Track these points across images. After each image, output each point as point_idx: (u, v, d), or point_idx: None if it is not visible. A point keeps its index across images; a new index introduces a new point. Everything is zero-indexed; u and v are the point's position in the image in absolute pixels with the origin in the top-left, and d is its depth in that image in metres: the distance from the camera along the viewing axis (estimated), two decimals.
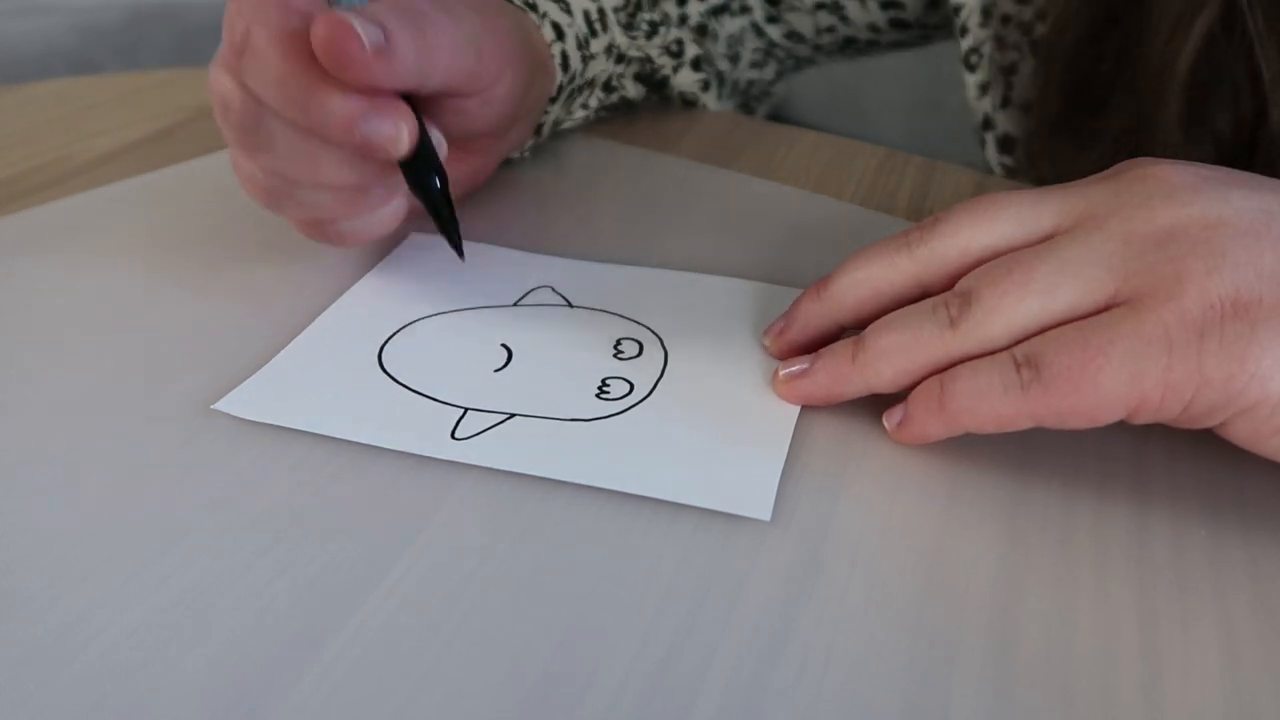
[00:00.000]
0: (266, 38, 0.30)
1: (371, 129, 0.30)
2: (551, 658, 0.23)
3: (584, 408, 0.31)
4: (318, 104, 0.30)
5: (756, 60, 0.60)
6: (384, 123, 0.30)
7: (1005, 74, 0.49)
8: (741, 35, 0.58)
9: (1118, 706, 0.22)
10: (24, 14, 1.21)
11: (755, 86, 0.62)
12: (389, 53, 0.30)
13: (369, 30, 0.29)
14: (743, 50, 0.59)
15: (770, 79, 0.62)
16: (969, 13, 0.50)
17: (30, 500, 0.27)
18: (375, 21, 0.29)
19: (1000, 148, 0.51)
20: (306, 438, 0.29)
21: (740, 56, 0.59)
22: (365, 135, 0.30)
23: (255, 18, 0.30)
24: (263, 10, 0.30)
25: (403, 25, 0.30)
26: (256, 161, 0.33)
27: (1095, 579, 0.25)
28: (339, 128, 0.30)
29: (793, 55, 0.61)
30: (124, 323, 0.35)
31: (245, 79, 0.30)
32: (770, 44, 0.60)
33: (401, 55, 0.30)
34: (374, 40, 0.29)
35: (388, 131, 0.30)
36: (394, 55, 0.30)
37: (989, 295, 0.27)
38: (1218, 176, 0.27)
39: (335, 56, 0.29)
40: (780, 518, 0.27)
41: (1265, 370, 0.24)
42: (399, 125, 0.30)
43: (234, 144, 0.33)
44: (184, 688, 0.22)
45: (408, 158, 0.32)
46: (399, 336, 0.34)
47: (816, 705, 0.22)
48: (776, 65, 0.62)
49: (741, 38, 0.58)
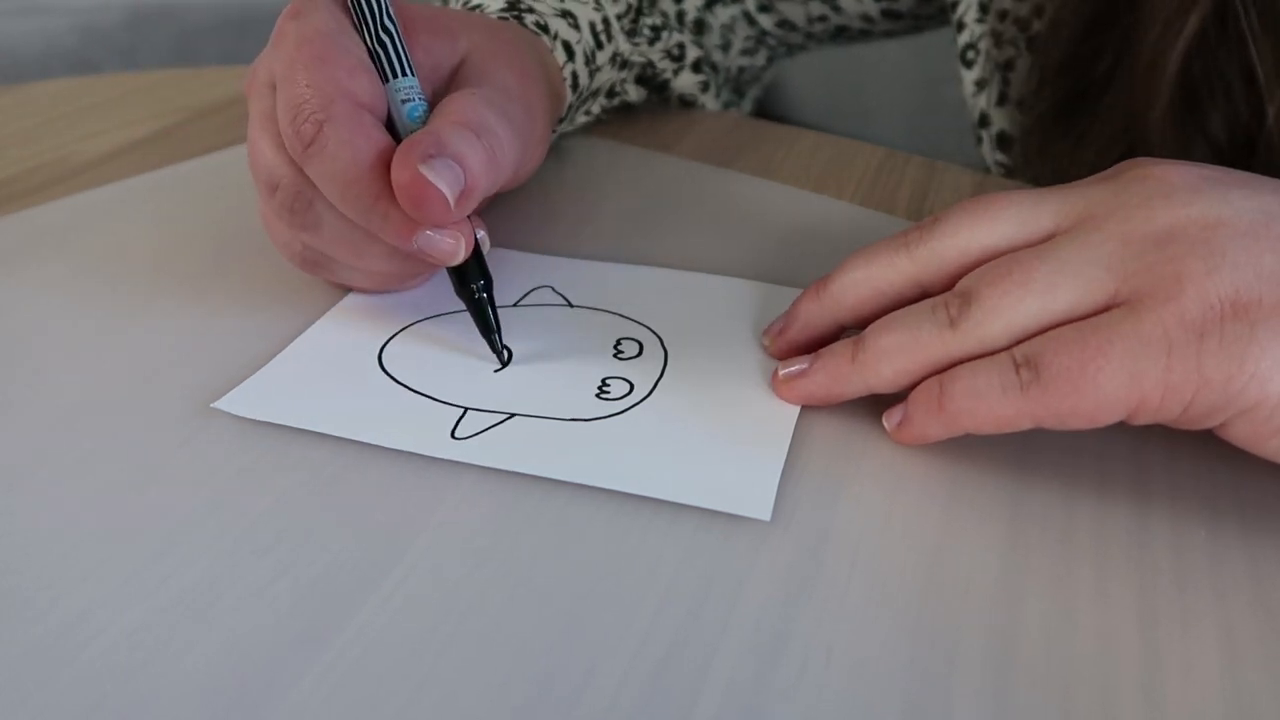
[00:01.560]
0: (339, 141, 0.29)
1: (429, 243, 0.30)
2: (551, 658, 0.23)
3: (584, 408, 0.31)
4: (380, 213, 0.30)
5: (748, 48, 0.60)
6: (444, 237, 0.30)
7: (1002, 70, 0.49)
8: (733, 24, 0.58)
9: (1118, 706, 0.22)
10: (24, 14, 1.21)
11: (746, 73, 0.62)
12: (468, 192, 0.30)
13: (450, 179, 0.29)
14: (734, 38, 0.59)
15: (761, 65, 0.63)
16: (966, 8, 0.50)
17: (30, 500, 0.27)
18: (456, 161, 0.29)
19: (997, 145, 0.51)
20: (307, 437, 0.29)
21: (732, 44, 0.59)
22: (423, 248, 0.30)
23: (329, 114, 0.30)
24: (337, 108, 0.30)
25: (478, 159, 0.30)
26: (299, 237, 0.33)
27: (1095, 579, 0.25)
28: (396, 236, 0.30)
29: (784, 43, 0.61)
30: (124, 323, 0.35)
31: (307, 169, 0.30)
32: (762, 32, 0.60)
33: (479, 192, 0.30)
34: (455, 190, 0.29)
35: (447, 246, 0.30)
36: (472, 195, 0.30)
37: (988, 295, 0.27)
38: (1217, 177, 0.27)
39: (416, 205, 0.29)
40: (780, 518, 0.27)
41: (1265, 371, 0.24)
42: (458, 239, 0.30)
43: (276, 218, 0.33)
44: (184, 688, 0.22)
45: None
46: (399, 337, 0.34)
47: (816, 705, 0.22)
48: (767, 52, 0.62)
49: (733, 26, 0.58)
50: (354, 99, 0.30)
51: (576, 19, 0.43)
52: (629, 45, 0.48)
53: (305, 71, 0.30)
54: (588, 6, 0.45)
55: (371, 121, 0.30)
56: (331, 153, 0.30)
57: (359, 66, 0.31)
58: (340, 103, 0.30)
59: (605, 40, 0.45)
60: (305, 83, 0.30)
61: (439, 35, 0.34)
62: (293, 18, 0.32)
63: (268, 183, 0.32)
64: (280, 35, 0.32)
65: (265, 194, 0.33)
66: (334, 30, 0.31)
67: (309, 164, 0.30)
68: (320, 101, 0.30)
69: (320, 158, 0.30)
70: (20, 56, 1.17)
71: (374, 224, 0.30)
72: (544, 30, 0.41)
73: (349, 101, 0.30)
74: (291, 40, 0.31)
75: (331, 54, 0.31)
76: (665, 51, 0.51)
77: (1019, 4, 0.48)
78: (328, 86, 0.30)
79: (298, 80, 0.30)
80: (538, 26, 0.41)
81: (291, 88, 0.30)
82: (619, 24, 0.48)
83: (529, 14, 0.42)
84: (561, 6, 0.43)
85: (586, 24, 0.44)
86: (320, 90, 0.30)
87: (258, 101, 0.33)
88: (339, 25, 0.32)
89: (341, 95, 0.30)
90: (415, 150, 0.29)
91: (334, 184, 0.30)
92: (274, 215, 0.33)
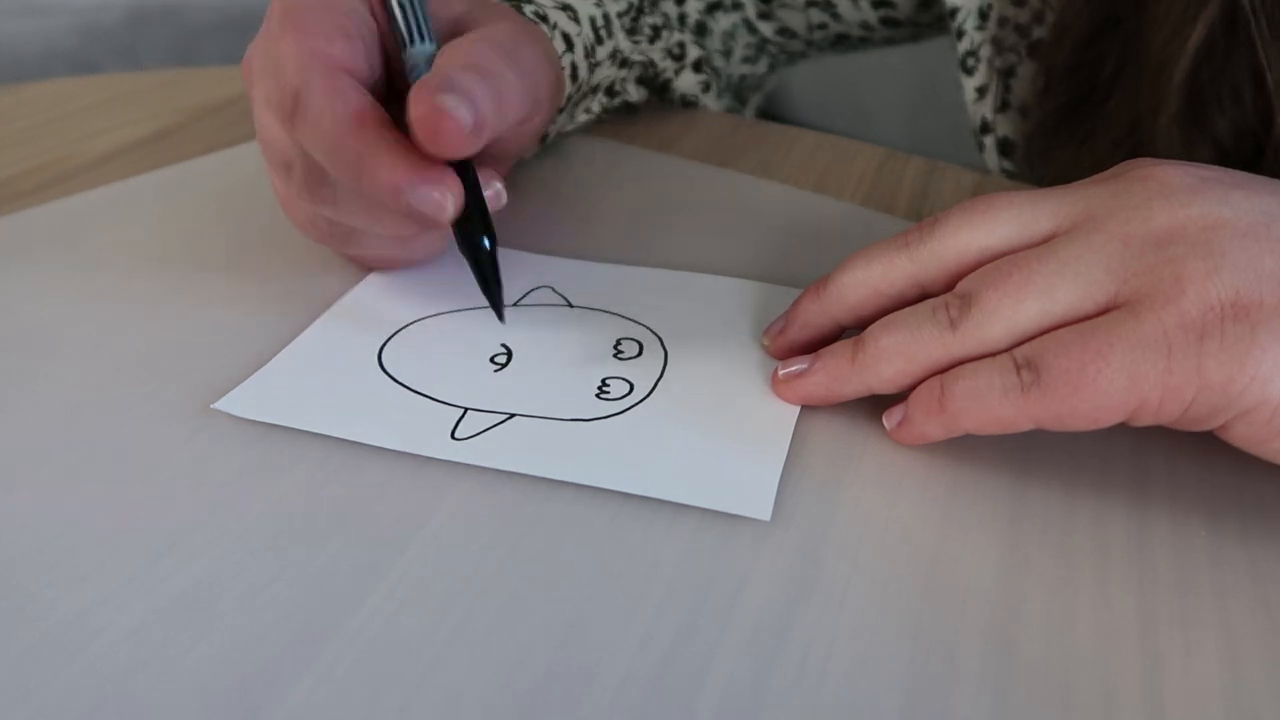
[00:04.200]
0: (317, 108, 0.30)
1: (417, 198, 0.30)
2: (551, 658, 0.23)
3: (584, 408, 0.31)
4: (368, 173, 0.30)
5: (749, 55, 0.60)
6: (430, 191, 0.30)
7: (1003, 77, 0.49)
8: (734, 31, 0.58)
9: (1118, 707, 0.22)
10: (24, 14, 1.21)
11: (748, 80, 0.62)
12: (477, 128, 0.30)
13: (463, 111, 0.29)
14: (735, 45, 0.59)
15: (762, 73, 0.63)
16: (965, 15, 0.50)
17: (30, 500, 0.27)
18: (465, 96, 0.29)
19: (1000, 151, 0.51)
20: (307, 437, 0.29)
21: (733, 51, 0.59)
22: (411, 203, 0.30)
23: (304, 79, 0.30)
24: (311, 73, 0.30)
25: (486, 96, 0.30)
26: (320, 210, 0.33)
27: (1095, 579, 0.25)
28: (387, 195, 0.30)
29: (785, 50, 0.61)
30: (124, 323, 0.35)
31: (296, 138, 0.31)
32: (762, 40, 0.60)
33: (489, 129, 0.30)
34: (468, 121, 0.29)
35: (435, 200, 0.30)
36: (483, 130, 0.30)
37: (989, 297, 0.27)
38: (1217, 177, 0.27)
39: (432, 136, 0.29)
40: (780, 518, 0.27)
41: (1265, 373, 0.24)
42: (445, 194, 0.30)
43: (298, 195, 0.33)
44: (184, 688, 0.22)
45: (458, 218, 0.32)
46: (399, 336, 0.34)
47: (816, 705, 0.22)
48: (769, 60, 0.62)
49: (734, 33, 0.59)
50: (329, 62, 0.30)
51: (576, 13, 0.44)
52: (629, 43, 0.48)
53: (284, 44, 0.31)
54: (588, 2, 0.45)
55: (349, 83, 0.30)
56: (312, 119, 0.30)
57: (336, 32, 0.31)
58: (314, 68, 0.30)
59: (605, 36, 0.45)
60: (284, 56, 0.30)
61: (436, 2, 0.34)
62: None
63: (282, 163, 0.32)
64: (268, 15, 0.32)
65: (282, 175, 0.33)
66: (314, 1, 0.32)
67: (295, 133, 0.30)
68: (295, 69, 0.30)
69: (302, 125, 0.30)
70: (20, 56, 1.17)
71: (364, 184, 0.30)
72: (543, 20, 0.41)
73: (323, 65, 0.30)
74: (275, 17, 0.31)
75: (309, 23, 0.31)
76: (666, 50, 0.51)
77: (1019, 10, 0.48)
78: (303, 56, 0.30)
79: (277, 54, 0.31)
80: (536, 15, 0.41)
81: (273, 63, 0.31)
82: (619, 22, 0.48)
83: (528, 4, 0.42)
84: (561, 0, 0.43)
85: (586, 18, 0.44)
86: (296, 59, 0.30)
87: (255, 86, 0.33)
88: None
89: (316, 61, 0.30)
90: (426, 88, 0.29)
91: (319, 147, 0.30)
92: (294, 194, 0.33)
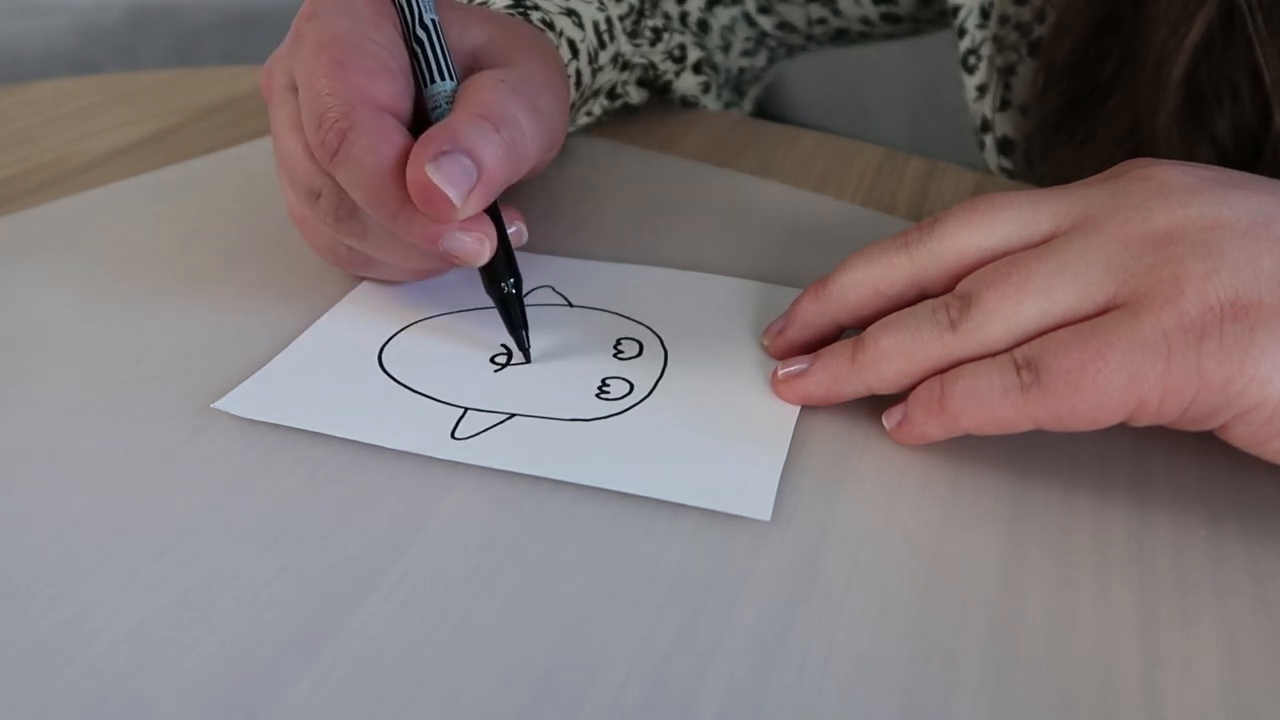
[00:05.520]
0: (363, 149, 0.30)
1: (454, 245, 0.30)
2: (551, 658, 0.23)
3: (584, 408, 0.31)
4: (405, 217, 0.30)
5: (748, 49, 0.61)
6: (466, 238, 0.30)
7: (1004, 75, 0.49)
8: (734, 25, 0.59)
9: (1118, 707, 0.22)
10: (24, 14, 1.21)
11: (747, 74, 0.63)
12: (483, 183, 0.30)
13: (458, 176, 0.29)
14: (734, 39, 0.59)
15: (761, 66, 0.63)
16: (967, 13, 0.50)
17: (30, 500, 0.27)
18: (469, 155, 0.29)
19: (1000, 150, 0.51)
20: (306, 437, 0.29)
21: (732, 45, 0.59)
22: (448, 249, 0.30)
23: (352, 121, 0.30)
24: (359, 114, 0.30)
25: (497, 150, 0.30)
26: (344, 240, 0.33)
27: (1095, 579, 0.25)
28: (423, 240, 0.30)
29: (784, 44, 0.61)
30: (124, 323, 0.35)
31: (336, 176, 0.31)
32: (762, 33, 0.60)
33: (499, 183, 0.30)
34: (464, 188, 0.29)
35: (471, 247, 0.30)
36: (489, 187, 0.30)
37: (988, 297, 0.27)
38: (1216, 177, 0.27)
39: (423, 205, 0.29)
40: (780, 518, 0.27)
41: (1264, 373, 0.24)
42: (481, 240, 0.30)
43: (322, 223, 0.33)
44: (184, 688, 0.22)
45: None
46: (399, 337, 0.34)
47: (817, 705, 0.22)
48: (767, 53, 0.62)
49: (734, 27, 0.59)
50: (375, 104, 0.30)
51: (581, 17, 0.44)
52: (630, 46, 0.49)
53: (325, 78, 0.30)
54: (591, 6, 0.45)
55: (394, 125, 0.30)
56: (356, 160, 0.30)
57: (379, 69, 0.31)
58: (361, 109, 0.30)
59: (608, 40, 0.46)
60: (326, 90, 0.30)
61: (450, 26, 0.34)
62: (309, 19, 0.32)
63: (308, 190, 0.32)
64: (297, 37, 0.32)
65: (306, 200, 0.33)
66: (351, 31, 0.31)
67: (336, 172, 0.30)
68: (342, 109, 0.30)
69: (346, 165, 0.30)
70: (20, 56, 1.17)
71: (400, 228, 0.30)
72: (549, 27, 0.41)
73: (370, 107, 0.30)
74: (310, 44, 0.31)
75: (350, 58, 0.31)
76: (667, 53, 0.51)
77: (1020, 9, 0.48)
78: (348, 92, 0.30)
79: (319, 88, 0.30)
80: (543, 23, 0.41)
81: (314, 96, 0.30)
82: (621, 25, 0.48)
83: (534, 10, 0.42)
84: (566, 5, 0.43)
85: (590, 23, 0.44)
86: (341, 97, 0.30)
87: (281, 106, 0.33)
88: (356, 25, 0.31)
89: (362, 101, 0.30)
90: (427, 148, 0.29)
91: (360, 190, 0.30)
92: (317, 220, 0.33)
